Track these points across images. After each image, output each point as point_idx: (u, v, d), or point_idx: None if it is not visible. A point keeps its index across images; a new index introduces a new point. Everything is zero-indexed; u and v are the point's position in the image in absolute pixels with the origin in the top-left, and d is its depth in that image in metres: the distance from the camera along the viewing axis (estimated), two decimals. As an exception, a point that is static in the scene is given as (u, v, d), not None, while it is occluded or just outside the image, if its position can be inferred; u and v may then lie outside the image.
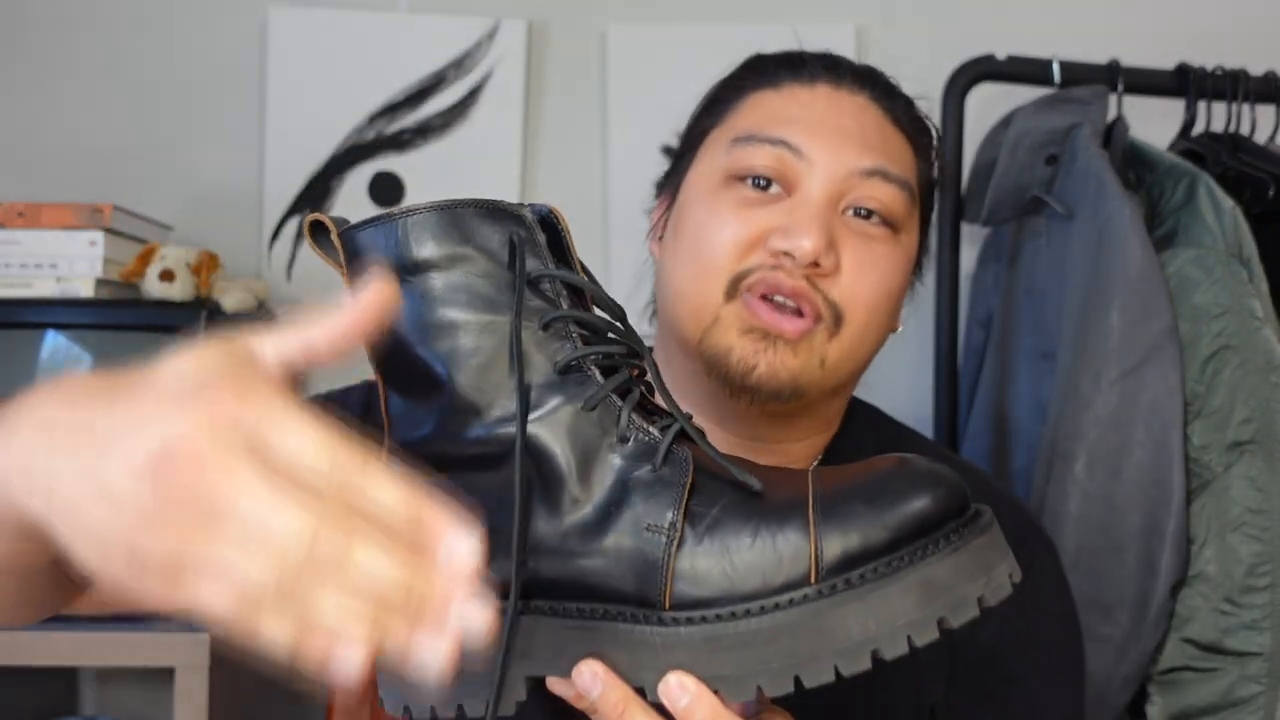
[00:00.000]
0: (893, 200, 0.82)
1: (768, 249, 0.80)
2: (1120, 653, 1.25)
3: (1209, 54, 1.51)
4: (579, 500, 0.58)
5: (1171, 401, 1.24)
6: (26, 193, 1.56)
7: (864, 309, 0.81)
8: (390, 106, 1.70)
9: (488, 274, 0.60)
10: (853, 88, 0.86)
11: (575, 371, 0.60)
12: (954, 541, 0.54)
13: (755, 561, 0.55)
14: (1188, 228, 1.31)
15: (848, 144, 0.82)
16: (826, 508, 0.55)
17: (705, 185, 0.84)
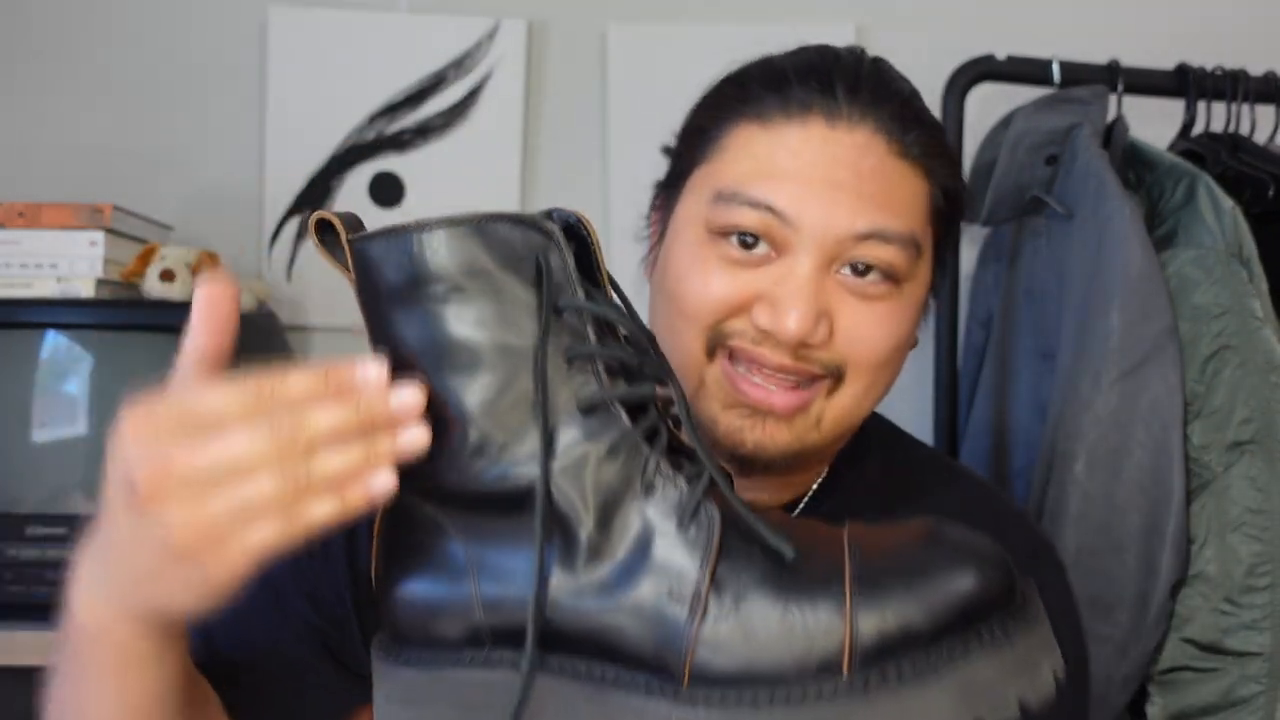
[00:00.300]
0: (893, 258, 0.75)
1: (752, 320, 0.75)
2: (1120, 652, 1.25)
3: (1209, 54, 1.51)
4: (599, 554, 0.54)
5: (1171, 401, 1.24)
6: (27, 193, 1.56)
7: (866, 367, 0.76)
8: (390, 106, 1.70)
9: (509, 298, 0.56)
10: (852, 119, 0.76)
11: (599, 411, 0.55)
12: (999, 637, 0.50)
13: (784, 641, 0.51)
14: (1188, 228, 1.31)
15: (840, 201, 0.74)
16: (864, 584, 0.51)
17: (689, 234, 0.78)
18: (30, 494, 1.37)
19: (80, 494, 1.38)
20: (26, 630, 1.31)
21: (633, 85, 1.71)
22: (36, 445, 1.38)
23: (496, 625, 0.56)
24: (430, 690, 0.57)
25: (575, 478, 0.55)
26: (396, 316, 0.57)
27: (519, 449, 0.55)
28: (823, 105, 0.76)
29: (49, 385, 1.40)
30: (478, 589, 0.56)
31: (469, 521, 0.57)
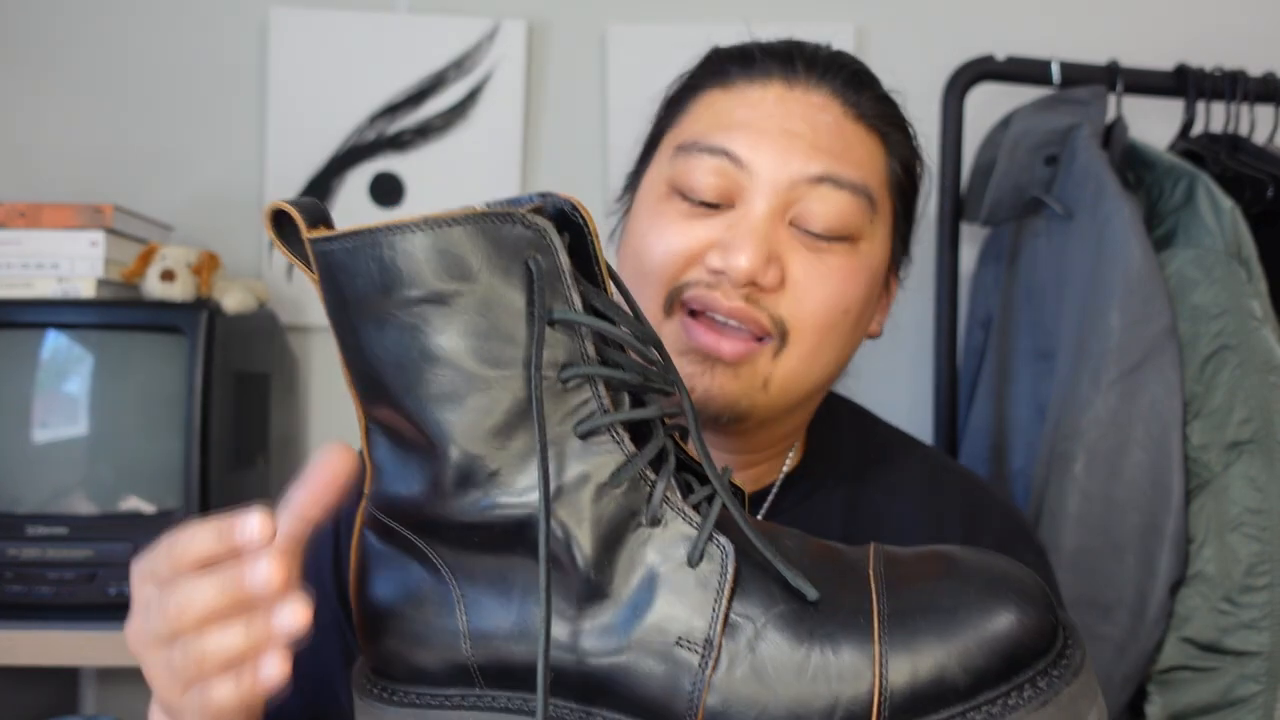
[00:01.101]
0: (845, 207, 0.76)
1: (705, 265, 0.75)
2: (1119, 652, 1.25)
3: (1208, 54, 1.51)
4: (599, 593, 0.50)
5: (1171, 401, 1.24)
6: (27, 193, 1.56)
7: (814, 326, 0.75)
8: (390, 107, 1.71)
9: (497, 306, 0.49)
10: (809, 84, 0.79)
11: (599, 437, 0.50)
12: (1042, 690, 0.46)
13: (805, 691, 0.47)
14: (1187, 228, 1.31)
15: (794, 148, 0.76)
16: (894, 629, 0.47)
17: (651, 194, 0.80)
18: (30, 494, 1.38)
19: (80, 494, 1.38)
20: (26, 630, 1.31)
21: (633, 85, 1.71)
22: (36, 445, 1.38)
23: (486, 663, 0.52)
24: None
25: (573, 509, 0.50)
26: (368, 329, 0.51)
27: (511, 478, 0.50)
28: (782, 71, 0.80)
29: (49, 385, 1.40)
30: (465, 623, 0.52)
31: (455, 553, 0.52)
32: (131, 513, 1.36)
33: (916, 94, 1.76)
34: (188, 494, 1.35)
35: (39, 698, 1.59)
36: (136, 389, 1.40)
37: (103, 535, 1.34)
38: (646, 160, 0.85)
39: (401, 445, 0.52)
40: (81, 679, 1.67)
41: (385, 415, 0.52)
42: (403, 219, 0.49)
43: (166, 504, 1.36)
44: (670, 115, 0.83)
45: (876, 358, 1.75)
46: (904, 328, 1.73)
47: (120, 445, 1.40)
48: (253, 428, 1.50)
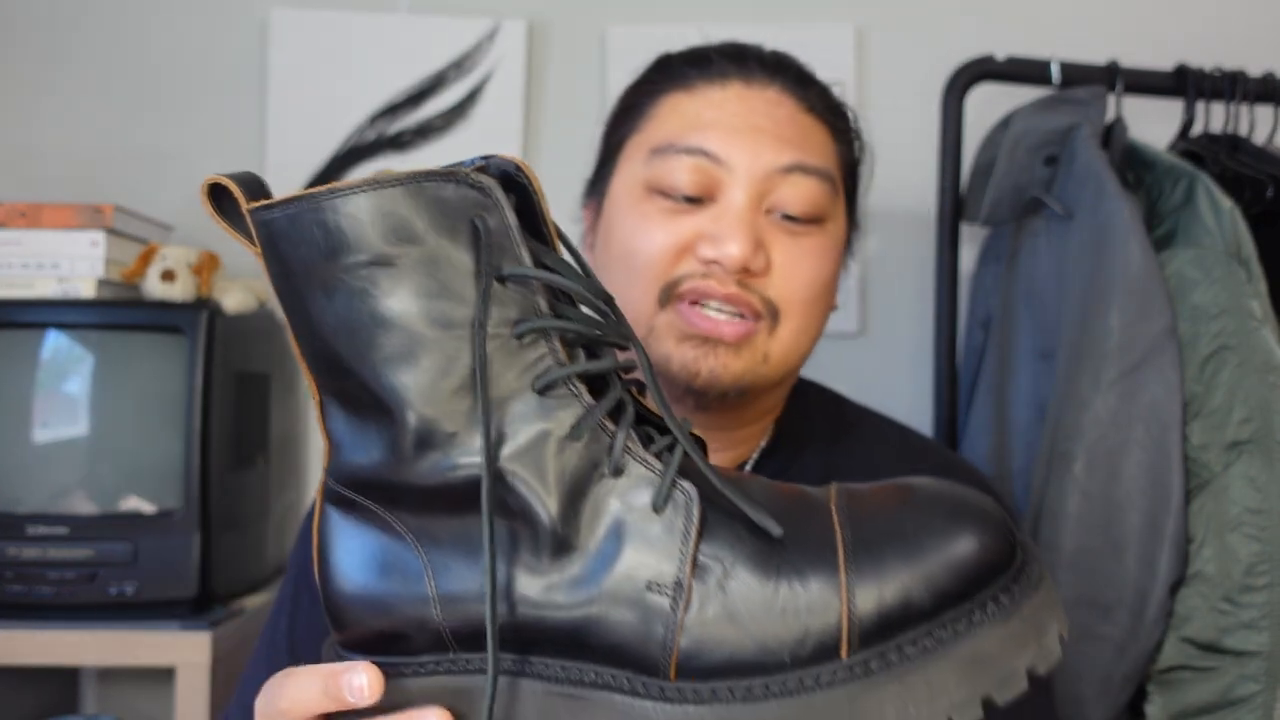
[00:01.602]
0: (814, 192, 0.83)
1: (697, 256, 0.80)
2: (1119, 652, 1.25)
3: (1208, 54, 1.51)
4: (566, 546, 0.50)
5: (1170, 401, 1.24)
6: (28, 193, 1.56)
7: (800, 302, 0.82)
8: (391, 107, 1.71)
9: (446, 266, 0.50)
10: (764, 81, 0.85)
11: (557, 390, 0.51)
12: (1004, 604, 0.47)
13: (776, 625, 0.47)
14: (1187, 228, 1.31)
15: (763, 142, 0.82)
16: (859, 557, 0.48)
17: (629, 197, 0.84)
18: (30, 494, 1.38)
19: (80, 494, 1.38)
20: (26, 630, 1.32)
21: (633, 85, 1.71)
22: (37, 445, 1.39)
23: (458, 627, 0.52)
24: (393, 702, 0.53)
25: (534, 464, 0.50)
26: (315, 297, 0.50)
27: (469, 438, 0.50)
28: (738, 72, 0.86)
29: (49, 385, 1.40)
30: (435, 589, 0.52)
31: (419, 519, 0.52)
32: (132, 513, 1.36)
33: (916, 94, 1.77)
34: (188, 494, 1.35)
35: (39, 698, 1.59)
36: (136, 389, 1.40)
37: (103, 535, 1.34)
38: (609, 166, 0.89)
39: (358, 415, 0.52)
40: (81, 679, 1.67)
41: (339, 386, 0.52)
42: (344, 182, 0.49)
43: (166, 504, 1.36)
44: (632, 120, 0.88)
45: (877, 358, 1.76)
46: (904, 328, 1.74)
47: (120, 445, 1.41)
48: (253, 428, 1.50)
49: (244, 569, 1.46)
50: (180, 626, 1.32)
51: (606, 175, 0.89)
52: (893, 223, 1.75)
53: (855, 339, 1.75)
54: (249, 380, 1.49)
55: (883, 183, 1.79)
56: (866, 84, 1.74)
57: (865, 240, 1.75)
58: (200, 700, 1.31)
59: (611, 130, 0.91)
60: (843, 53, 1.73)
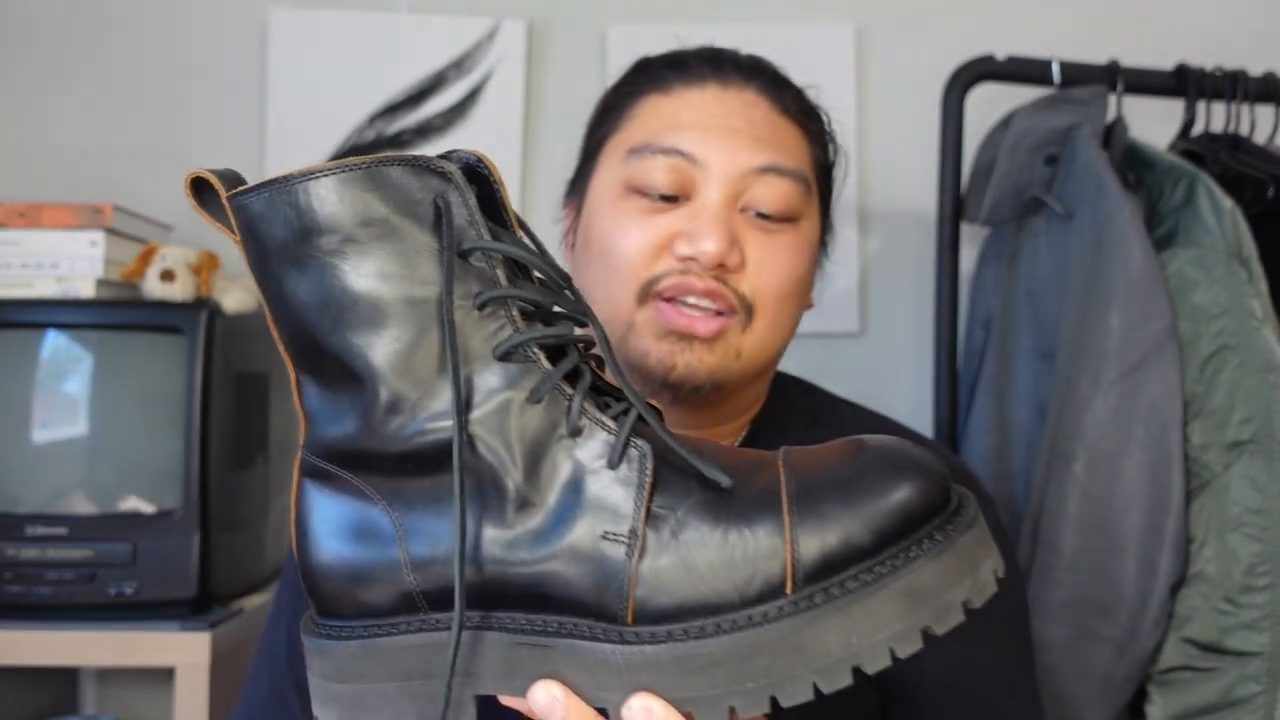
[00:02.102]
0: (789, 193, 0.84)
1: (674, 254, 0.82)
2: (1120, 652, 1.25)
3: (1209, 54, 1.51)
4: (528, 504, 0.53)
5: (1171, 401, 1.24)
6: (27, 193, 1.56)
7: (774, 299, 0.84)
8: (390, 107, 1.71)
9: (410, 245, 0.53)
10: (740, 84, 0.87)
11: (517, 357, 0.54)
12: (939, 541, 0.50)
13: (724, 569, 0.50)
14: (1187, 228, 1.31)
15: (739, 143, 0.84)
16: (802, 504, 0.51)
17: (607, 196, 0.86)
18: (30, 494, 1.38)
19: (80, 494, 1.38)
20: (26, 630, 1.31)
21: (633, 85, 1.71)
22: (36, 445, 1.38)
23: (430, 588, 0.54)
24: (365, 662, 0.55)
25: (498, 427, 0.53)
26: (289, 274, 0.54)
27: (435, 403, 0.53)
28: (715, 75, 0.88)
29: (49, 385, 1.40)
30: (407, 553, 0.54)
31: (390, 483, 0.54)
32: (131, 513, 1.36)
33: (916, 94, 1.77)
34: (187, 494, 1.35)
35: (39, 698, 1.59)
36: (136, 389, 1.40)
37: (102, 535, 1.34)
38: (589, 166, 0.91)
39: (331, 388, 0.55)
40: (81, 679, 1.67)
41: (313, 361, 0.55)
42: (314, 165, 0.53)
43: (166, 504, 1.36)
44: (612, 121, 0.90)
45: (877, 358, 1.76)
46: (904, 328, 1.73)
47: (120, 445, 1.40)
48: (253, 428, 1.50)
49: (243, 569, 1.46)
50: (180, 627, 1.32)
51: (586, 175, 0.91)
52: (893, 223, 1.75)
53: (855, 339, 1.74)
54: (249, 380, 1.49)
55: (883, 183, 1.80)
56: (866, 84, 1.74)
57: (865, 240, 1.75)
58: (200, 700, 1.31)
59: (591, 131, 0.93)
60: (843, 53, 1.72)
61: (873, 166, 1.74)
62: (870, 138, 1.74)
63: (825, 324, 1.73)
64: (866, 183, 1.74)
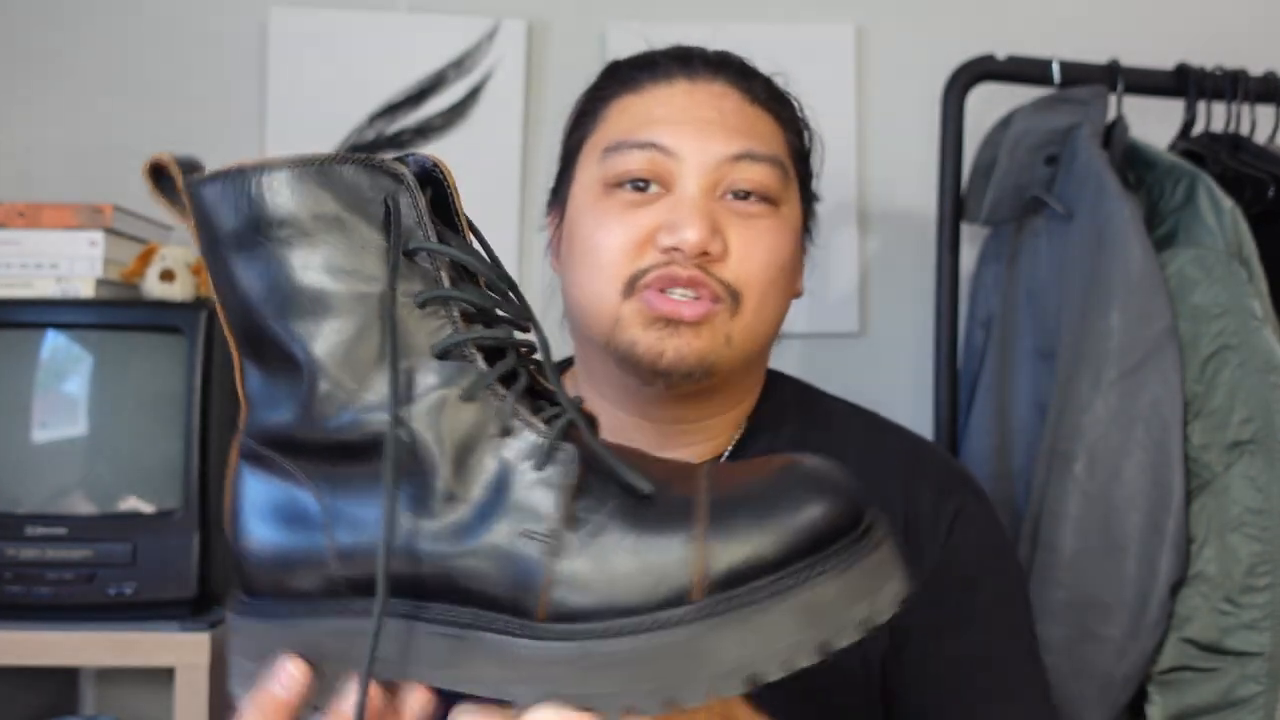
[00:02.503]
0: (765, 177, 0.85)
1: (657, 246, 0.83)
2: (1120, 653, 1.25)
3: (1209, 54, 1.51)
4: (454, 498, 0.54)
5: (1171, 401, 1.24)
6: (27, 193, 1.56)
7: (758, 284, 0.84)
8: (390, 106, 1.70)
9: (358, 242, 0.55)
10: (708, 77, 0.89)
11: (455, 356, 0.55)
12: (844, 560, 0.51)
13: (636, 573, 0.52)
14: (1188, 228, 1.31)
15: (712, 133, 0.85)
16: (716, 516, 0.52)
17: (588, 197, 0.87)
18: (30, 494, 1.37)
19: (80, 494, 1.38)
20: (26, 630, 1.31)
21: (633, 85, 1.71)
22: (36, 445, 1.38)
23: (353, 575, 0.55)
24: (284, 641, 0.56)
25: (431, 422, 0.54)
26: (238, 262, 0.55)
27: (371, 395, 0.54)
28: (683, 71, 0.89)
29: (49, 385, 1.40)
30: (333, 540, 0.55)
31: (321, 471, 0.55)
32: (131, 513, 1.36)
33: (916, 94, 1.77)
34: (187, 494, 1.35)
35: (39, 698, 1.59)
36: (136, 389, 1.40)
37: (102, 535, 1.34)
38: (568, 173, 0.92)
39: (271, 373, 0.56)
40: (81, 679, 1.67)
41: (256, 347, 0.56)
42: (272, 158, 0.54)
43: (166, 504, 1.36)
44: (586, 126, 0.92)
45: (877, 358, 1.76)
46: (904, 328, 1.73)
47: (120, 445, 1.40)
48: (252, 428, 1.50)
49: (243, 569, 1.46)
50: (179, 627, 1.32)
51: (566, 182, 0.92)
52: (893, 223, 1.75)
53: (855, 339, 1.74)
54: (248, 380, 1.48)
55: (883, 183, 1.80)
56: (866, 84, 1.74)
57: (865, 240, 1.75)
58: (200, 701, 1.31)
59: (567, 138, 0.94)
60: (843, 53, 1.72)
61: (873, 166, 1.74)
62: (870, 138, 1.73)
63: (825, 324, 1.73)
64: (866, 183, 1.74)
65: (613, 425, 0.88)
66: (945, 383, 1.51)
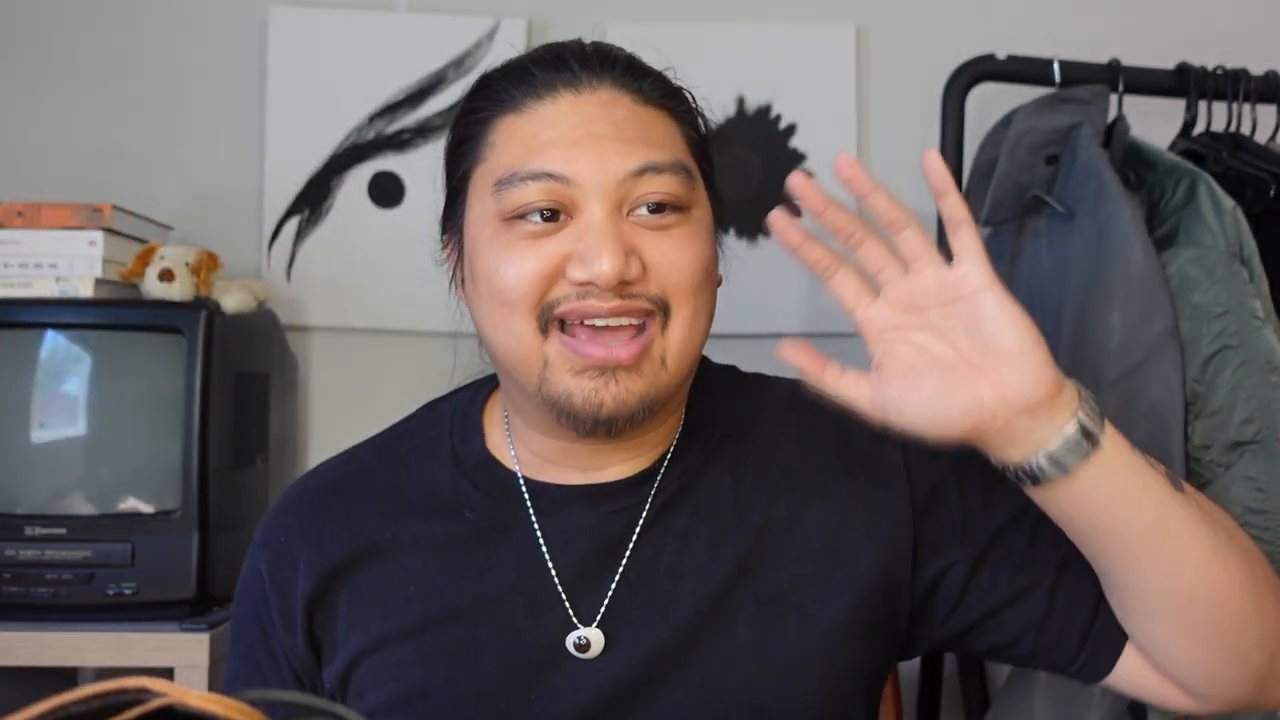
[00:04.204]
0: (671, 186, 0.81)
1: (568, 279, 0.78)
2: (1121, 653, 1.25)
3: (1209, 54, 1.51)
4: None
5: (1172, 401, 1.24)
6: (26, 193, 1.56)
7: (687, 292, 0.81)
8: (390, 106, 1.70)
9: None
10: (593, 84, 0.83)
11: None
12: None
13: None
14: (1188, 227, 1.30)
15: (606, 150, 0.80)
16: None
17: (487, 230, 0.82)
18: (29, 494, 1.37)
19: (79, 494, 1.38)
20: (26, 630, 1.31)
21: (633, 85, 1.71)
22: (35, 445, 1.38)
23: None
24: None
25: None
26: None
27: None
28: (564, 81, 0.83)
29: (48, 385, 1.40)
30: None
31: None
32: (130, 513, 1.36)
33: (916, 94, 1.76)
34: (186, 494, 1.35)
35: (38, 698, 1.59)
36: (135, 389, 1.40)
37: (101, 536, 1.34)
38: (459, 203, 0.86)
39: None
40: (80, 679, 1.67)
41: None
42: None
43: (165, 504, 1.36)
44: (471, 153, 0.85)
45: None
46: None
47: (119, 445, 1.40)
48: (252, 428, 1.50)
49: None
50: (179, 627, 1.32)
51: (459, 213, 0.86)
52: (893, 223, 1.75)
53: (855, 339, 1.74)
54: (248, 380, 1.48)
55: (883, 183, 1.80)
56: (866, 84, 1.74)
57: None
58: (199, 701, 1.31)
59: (451, 164, 0.88)
60: (843, 53, 1.72)
61: (873, 166, 1.74)
62: (870, 138, 1.73)
63: (825, 324, 1.72)
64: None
65: (543, 450, 0.86)
66: (945, 383, 1.50)
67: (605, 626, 0.83)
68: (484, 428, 0.90)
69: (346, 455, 0.94)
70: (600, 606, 0.84)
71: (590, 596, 0.84)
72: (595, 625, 0.83)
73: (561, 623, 0.83)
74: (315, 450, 1.71)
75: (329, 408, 1.72)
